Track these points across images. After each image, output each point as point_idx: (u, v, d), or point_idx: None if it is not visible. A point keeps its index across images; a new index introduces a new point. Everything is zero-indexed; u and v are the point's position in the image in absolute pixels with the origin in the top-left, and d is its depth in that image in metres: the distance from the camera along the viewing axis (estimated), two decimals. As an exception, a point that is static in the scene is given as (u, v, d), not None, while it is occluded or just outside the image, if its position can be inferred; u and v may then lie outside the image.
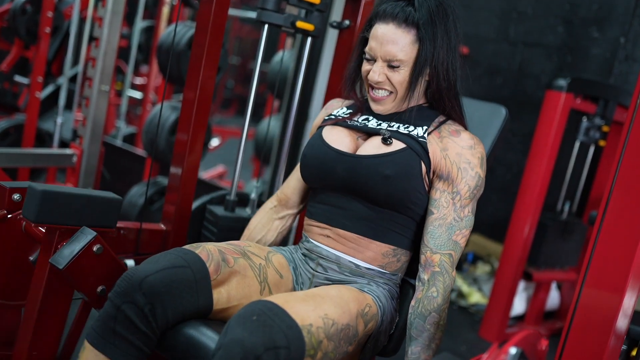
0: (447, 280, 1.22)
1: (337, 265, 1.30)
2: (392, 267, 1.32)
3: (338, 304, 1.12)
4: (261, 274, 1.26)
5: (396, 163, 1.23)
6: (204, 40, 1.50)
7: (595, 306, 1.02)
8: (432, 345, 1.22)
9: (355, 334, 1.16)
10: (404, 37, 1.23)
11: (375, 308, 1.24)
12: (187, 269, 1.14)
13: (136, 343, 1.10)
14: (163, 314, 1.10)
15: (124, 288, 1.10)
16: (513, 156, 3.59)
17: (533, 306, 2.99)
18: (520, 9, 3.69)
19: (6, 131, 3.14)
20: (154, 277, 1.10)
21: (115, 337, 1.10)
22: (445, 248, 1.22)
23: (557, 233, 2.88)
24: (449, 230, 1.23)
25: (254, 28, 9.47)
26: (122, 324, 1.09)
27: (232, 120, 8.41)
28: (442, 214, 1.24)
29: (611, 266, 1.00)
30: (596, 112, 2.83)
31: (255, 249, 1.30)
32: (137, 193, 2.69)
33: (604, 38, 3.29)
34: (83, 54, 3.14)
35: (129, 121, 4.86)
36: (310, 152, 1.34)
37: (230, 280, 1.21)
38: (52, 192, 1.15)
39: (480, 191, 1.27)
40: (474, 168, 1.24)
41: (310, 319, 1.04)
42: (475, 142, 1.27)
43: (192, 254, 1.17)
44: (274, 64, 3.39)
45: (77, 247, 1.14)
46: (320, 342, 1.04)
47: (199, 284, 1.15)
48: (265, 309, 1.01)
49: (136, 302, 1.09)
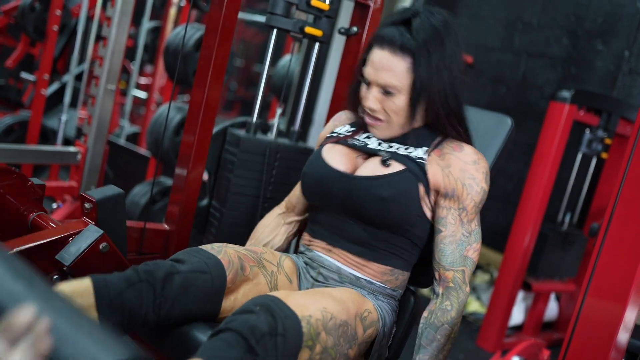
0: (462, 295, 1.23)
1: (337, 275, 1.30)
2: (392, 284, 1.32)
3: (337, 301, 1.13)
4: (272, 281, 1.27)
5: (393, 185, 1.22)
6: (213, 43, 1.51)
7: (596, 319, 1.03)
8: (440, 356, 1.22)
9: (355, 335, 1.15)
10: (399, 65, 1.21)
11: (376, 315, 1.24)
12: (207, 275, 1.14)
13: (132, 311, 1.05)
14: (169, 310, 1.09)
15: (153, 268, 1.09)
16: (514, 166, 3.60)
17: (531, 316, 2.99)
18: (526, 20, 3.70)
19: (11, 127, 3.15)
20: (178, 277, 1.10)
21: (117, 294, 1.03)
22: (458, 265, 1.23)
23: (557, 244, 2.88)
24: (460, 247, 1.23)
25: (258, 31, 9.49)
26: (131, 290, 1.05)
27: (234, 122, 8.41)
28: (450, 232, 1.23)
29: (613, 279, 1.00)
30: (599, 125, 2.84)
31: (269, 256, 1.30)
32: (140, 192, 2.69)
33: (609, 51, 3.30)
34: (89, 52, 3.15)
35: (132, 121, 4.86)
36: (309, 170, 1.34)
37: (241, 287, 1.21)
38: None
39: (482, 205, 1.27)
40: (479, 183, 1.24)
41: (309, 310, 1.04)
42: (479, 157, 1.26)
43: (214, 259, 1.17)
44: (279, 68, 3.40)
45: (84, 245, 1.15)
46: (319, 334, 1.04)
47: (214, 291, 1.15)
48: (267, 300, 1.02)
49: (155, 288, 1.07)
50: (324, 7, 1.62)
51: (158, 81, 4.31)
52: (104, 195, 1.22)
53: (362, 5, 1.73)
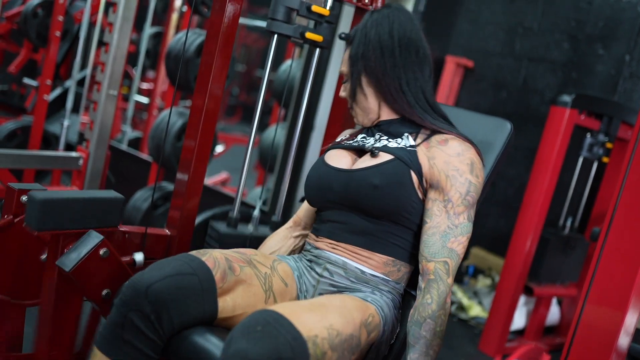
0: (442, 287, 1.21)
1: (343, 270, 1.31)
2: (394, 275, 1.33)
3: (342, 314, 1.13)
4: (266, 283, 1.27)
5: (383, 173, 1.26)
6: (214, 48, 1.51)
7: (597, 323, 1.02)
8: (430, 352, 1.22)
9: (359, 343, 1.16)
10: (346, 54, 1.39)
11: (378, 318, 1.25)
12: (194, 277, 1.15)
13: (144, 350, 1.11)
14: (169, 320, 1.11)
15: (129, 296, 1.10)
16: (515, 171, 3.60)
17: (533, 321, 2.99)
18: (527, 24, 3.71)
19: (13, 132, 3.16)
20: (160, 284, 1.10)
21: (123, 344, 1.11)
22: (440, 256, 1.23)
23: (558, 248, 2.88)
24: (443, 238, 1.23)
25: (260, 36, 9.52)
26: (129, 331, 1.10)
27: (236, 127, 8.44)
28: (435, 223, 1.25)
29: (614, 284, 1.00)
30: (600, 129, 2.84)
31: (261, 258, 1.32)
32: (142, 197, 2.70)
33: (609, 55, 3.30)
34: (91, 58, 3.16)
35: (134, 126, 4.88)
36: (312, 173, 1.40)
37: (236, 289, 1.22)
38: (51, 199, 1.15)
39: (476, 197, 1.26)
40: (462, 174, 1.25)
41: (315, 329, 1.04)
42: (463, 148, 1.27)
43: (198, 260, 1.18)
44: (280, 73, 3.41)
45: (84, 251, 1.15)
46: (325, 354, 1.04)
47: (205, 292, 1.15)
48: (270, 319, 1.00)
49: (142, 309, 1.09)
50: (324, 13, 1.63)
51: (160, 86, 4.32)
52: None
53: (362, 10, 1.73)
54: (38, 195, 1.15)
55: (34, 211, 1.15)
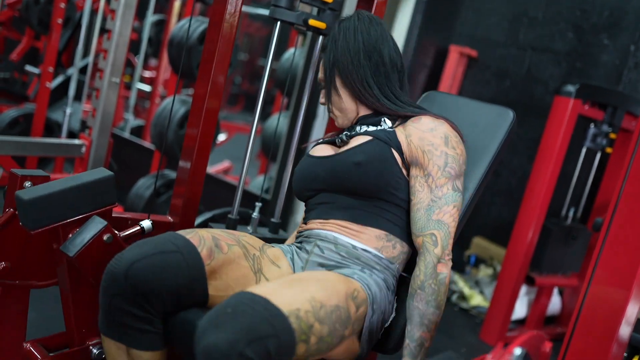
0: (428, 257, 1.22)
1: (334, 245, 1.29)
2: (388, 252, 1.31)
3: (324, 286, 1.10)
4: (255, 265, 1.25)
5: (364, 151, 1.30)
6: (216, 36, 1.50)
7: (598, 313, 1.03)
8: (425, 322, 1.20)
9: (348, 316, 1.12)
10: (322, 60, 1.44)
11: (364, 294, 1.21)
12: (177, 254, 1.11)
13: (142, 327, 1.10)
14: (158, 299, 1.09)
15: (108, 282, 1.08)
16: (518, 161, 3.60)
17: (534, 311, 3.00)
18: (531, 14, 3.69)
19: (16, 120, 3.16)
20: (139, 264, 1.07)
21: (119, 326, 1.10)
22: (427, 229, 1.24)
23: (560, 238, 2.88)
24: (428, 212, 1.25)
25: (263, 25, 9.48)
26: (119, 315, 1.09)
27: (238, 116, 8.43)
28: (418, 199, 1.27)
29: (616, 274, 1.00)
30: (604, 119, 2.83)
31: (250, 239, 1.30)
32: (144, 185, 2.71)
33: (614, 45, 3.29)
34: (94, 45, 3.16)
35: (136, 114, 4.88)
36: (298, 167, 1.45)
37: (225, 268, 1.19)
38: (40, 197, 1.12)
39: (457, 168, 1.28)
40: (437, 148, 1.28)
41: (296, 303, 1.00)
42: (436, 124, 1.31)
43: (182, 238, 1.15)
44: (283, 62, 3.40)
45: (88, 236, 1.15)
46: (312, 327, 1.01)
47: (191, 268, 1.12)
48: (243, 299, 0.95)
49: (124, 294, 1.07)
50: (327, 0, 1.62)
51: (162, 74, 4.32)
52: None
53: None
54: (25, 195, 1.11)
55: (26, 211, 1.12)
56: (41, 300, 1.71)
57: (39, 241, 1.28)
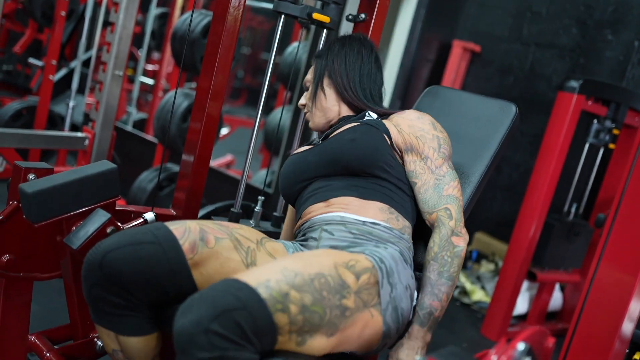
0: (443, 230, 1.25)
1: (343, 225, 1.25)
2: (395, 224, 1.28)
3: (300, 259, 1.07)
4: (248, 257, 1.20)
5: (356, 130, 1.35)
6: (220, 30, 1.50)
7: (601, 310, 1.03)
8: (435, 291, 1.21)
9: (342, 284, 1.06)
10: (313, 66, 1.52)
11: (367, 262, 1.14)
12: (154, 245, 1.08)
13: (125, 313, 1.09)
14: (138, 289, 1.07)
15: (86, 271, 1.07)
16: (521, 156, 3.59)
17: (536, 306, 3.00)
18: (535, 9, 3.67)
19: (19, 112, 3.16)
20: (114, 254, 1.05)
21: (108, 315, 1.09)
22: (440, 204, 1.29)
23: (562, 234, 2.88)
24: (437, 190, 1.30)
25: (265, 19, 9.46)
26: (102, 303, 1.08)
27: (241, 110, 8.43)
28: (423, 180, 1.32)
29: (619, 270, 1.01)
30: (607, 115, 2.82)
31: (246, 232, 1.24)
32: (147, 178, 2.71)
33: (618, 41, 3.27)
34: (97, 38, 3.15)
35: (139, 107, 4.87)
36: (282, 168, 1.46)
37: (210, 261, 1.15)
38: (43, 190, 1.12)
39: (448, 149, 1.35)
40: (428, 132, 1.35)
41: (265, 276, 0.97)
42: (420, 114, 1.38)
43: (164, 229, 1.11)
44: (286, 55, 3.39)
45: (91, 229, 1.16)
46: (287, 294, 0.96)
47: (172, 261, 1.09)
48: (214, 285, 0.94)
49: (101, 283, 1.05)
50: (332, -6, 1.62)
51: (165, 68, 4.31)
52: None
53: (370, -8, 1.71)
54: (29, 188, 1.11)
55: (29, 204, 1.12)
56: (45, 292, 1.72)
57: (42, 234, 1.28)
